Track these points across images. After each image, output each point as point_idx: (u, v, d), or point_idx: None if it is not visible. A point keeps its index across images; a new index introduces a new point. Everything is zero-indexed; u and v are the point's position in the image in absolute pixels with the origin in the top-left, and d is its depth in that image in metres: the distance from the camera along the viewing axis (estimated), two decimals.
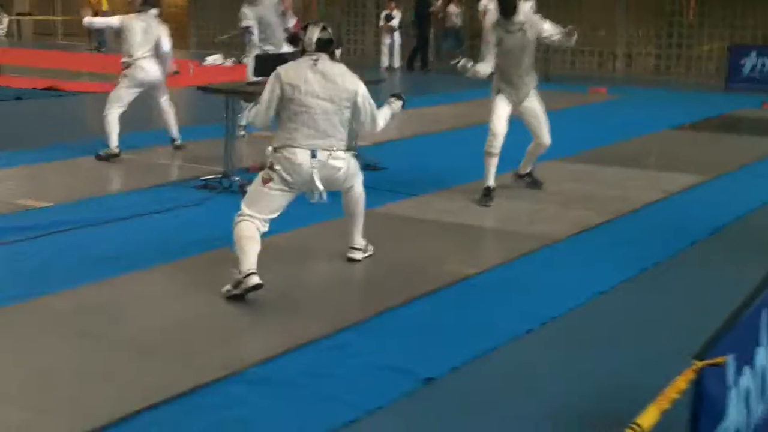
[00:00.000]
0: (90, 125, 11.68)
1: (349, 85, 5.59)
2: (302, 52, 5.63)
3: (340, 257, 6.18)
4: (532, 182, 8.52)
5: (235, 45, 18.04)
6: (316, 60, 5.53)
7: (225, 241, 6.52)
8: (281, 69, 5.59)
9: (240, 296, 5.27)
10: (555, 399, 4.27)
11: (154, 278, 5.78)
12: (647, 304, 5.60)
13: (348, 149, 5.81)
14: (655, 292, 5.81)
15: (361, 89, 5.66)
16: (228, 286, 5.34)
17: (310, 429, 3.90)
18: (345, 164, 5.64)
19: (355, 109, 5.64)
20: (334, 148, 5.54)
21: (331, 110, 5.51)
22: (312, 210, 5.97)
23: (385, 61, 21.69)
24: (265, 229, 5.50)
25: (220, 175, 8.27)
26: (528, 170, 8.53)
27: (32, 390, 4.18)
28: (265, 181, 5.50)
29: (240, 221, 5.47)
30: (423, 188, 8.46)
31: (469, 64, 7.80)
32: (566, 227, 7.20)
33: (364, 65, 18.75)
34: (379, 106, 5.95)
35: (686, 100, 16.31)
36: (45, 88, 15.45)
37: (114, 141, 9.44)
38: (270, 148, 5.53)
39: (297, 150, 5.46)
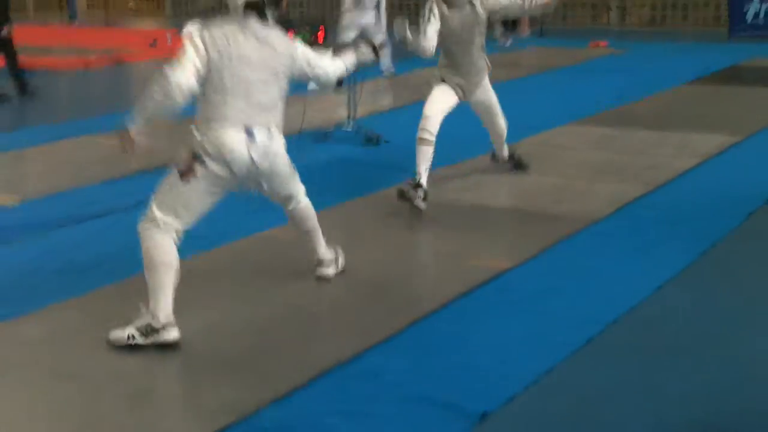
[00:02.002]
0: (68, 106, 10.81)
1: (285, 48, 4.51)
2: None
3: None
4: (517, 164, 7.22)
5: None
6: (245, 21, 4.37)
7: (211, 239, 5.78)
8: (200, 30, 4.31)
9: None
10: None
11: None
12: (722, 296, 4.81)
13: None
14: (727, 279, 5.04)
15: (299, 49, 4.60)
16: (130, 330, 4.12)
17: None
18: (284, 147, 4.57)
19: (299, 72, 4.61)
20: (273, 126, 4.45)
21: (271, 81, 4.43)
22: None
23: None
24: (180, 241, 4.30)
25: None
26: (507, 153, 7.21)
27: None
28: (187, 174, 4.27)
29: (149, 230, 4.24)
30: (432, 163, 7.62)
31: (409, 32, 6.14)
32: (601, 204, 6.40)
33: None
34: None
35: (691, 52, 15.43)
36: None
37: None
38: (192, 129, 4.34)
39: (228, 130, 4.28)
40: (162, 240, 4.22)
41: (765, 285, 5.02)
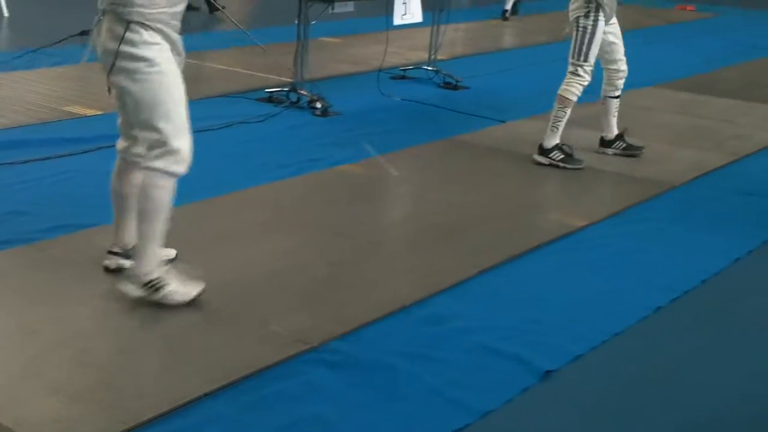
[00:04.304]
0: None
1: None
2: None
3: (409, 192, 5.26)
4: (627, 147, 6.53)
5: None
6: None
7: (292, 169, 5.79)
8: None
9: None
10: (697, 404, 3.44)
11: (208, 215, 4.96)
12: None
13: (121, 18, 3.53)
14: None
15: None
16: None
17: None
18: (113, 40, 3.54)
19: None
20: (104, 9, 3.58)
21: None
22: None
23: None
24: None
25: (287, 88, 7.40)
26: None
27: (73, 371, 3.38)
28: None
29: None
30: (511, 113, 7.54)
31: None
32: (681, 170, 6.25)
33: None
34: None
35: None
36: None
37: None
38: None
39: None
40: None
41: None
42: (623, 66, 6.31)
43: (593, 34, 5.97)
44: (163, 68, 3.60)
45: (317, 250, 4.52)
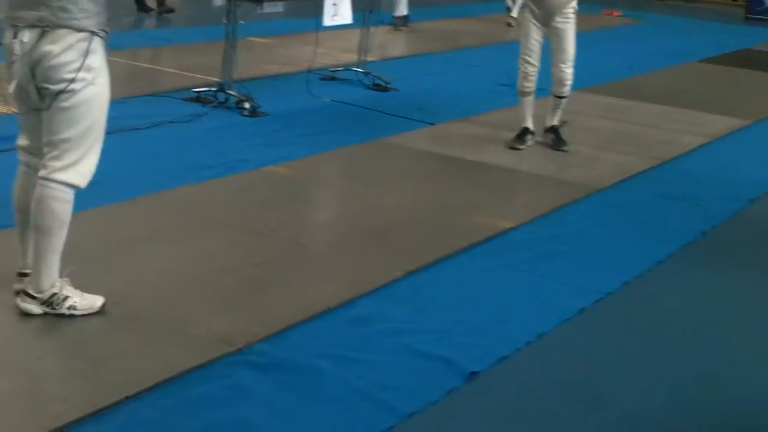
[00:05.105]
0: None
1: None
2: None
3: (337, 194, 5.27)
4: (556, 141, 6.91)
5: None
6: None
7: (219, 169, 5.73)
8: None
9: None
10: (618, 404, 3.49)
11: (132, 215, 4.89)
12: (720, 278, 4.80)
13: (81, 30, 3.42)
14: (726, 261, 5.02)
15: None
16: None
17: None
18: (70, 53, 3.41)
19: None
20: (52, 24, 3.38)
21: None
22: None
23: None
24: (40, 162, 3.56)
25: (215, 88, 7.32)
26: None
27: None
28: None
29: None
30: (440, 116, 7.57)
31: None
32: (606, 173, 6.37)
33: None
34: None
35: (704, 30, 15.30)
36: None
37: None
38: None
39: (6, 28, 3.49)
40: (17, 174, 3.72)
41: (762, 272, 5.00)
42: (564, 69, 6.71)
43: (521, 29, 6.66)
44: (105, 82, 3.57)
45: (242, 251, 4.49)
